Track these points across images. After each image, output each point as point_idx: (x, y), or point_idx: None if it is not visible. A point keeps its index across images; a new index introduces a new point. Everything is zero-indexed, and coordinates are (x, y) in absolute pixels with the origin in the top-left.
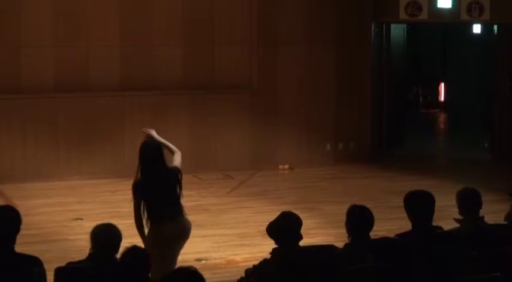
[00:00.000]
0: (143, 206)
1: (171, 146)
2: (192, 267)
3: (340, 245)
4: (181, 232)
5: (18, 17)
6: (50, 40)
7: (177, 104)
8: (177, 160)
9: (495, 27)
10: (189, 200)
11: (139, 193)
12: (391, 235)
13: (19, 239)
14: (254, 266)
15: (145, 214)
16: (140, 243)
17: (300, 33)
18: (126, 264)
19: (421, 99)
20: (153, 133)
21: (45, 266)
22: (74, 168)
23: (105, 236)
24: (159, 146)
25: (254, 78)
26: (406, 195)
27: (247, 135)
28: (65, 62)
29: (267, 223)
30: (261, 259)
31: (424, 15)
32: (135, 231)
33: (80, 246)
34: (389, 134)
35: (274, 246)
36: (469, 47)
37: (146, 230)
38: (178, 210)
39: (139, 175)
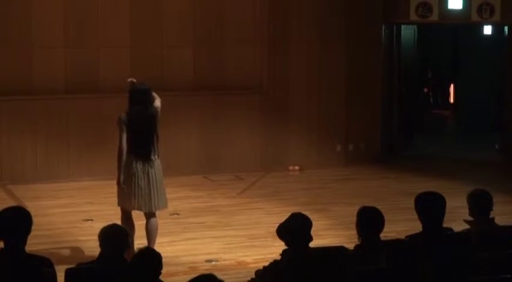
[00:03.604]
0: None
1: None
2: (214, 275)
3: (350, 246)
4: (146, 170)
5: (29, 18)
6: (61, 42)
7: (187, 105)
8: (157, 103)
9: (506, 28)
10: (200, 201)
11: (122, 126)
12: (402, 236)
13: (29, 239)
14: (264, 267)
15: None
16: None
17: (310, 33)
18: (138, 265)
19: (431, 100)
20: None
21: (56, 266)
22: (84, 169)
23: (113, 236)
24: (149, 90)
25: (265, 79)
26: (416, 197)
27: (258, 136)
28: (76, 64)
29: (277, 224)
30: (271, 260)
31: (434, 17)
32: (144, 232)
33: (90, 247)
34: (399, 134)
35: (285, 247)
36: (480, 48)
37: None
38: (149, 150)
39: (125, 113)
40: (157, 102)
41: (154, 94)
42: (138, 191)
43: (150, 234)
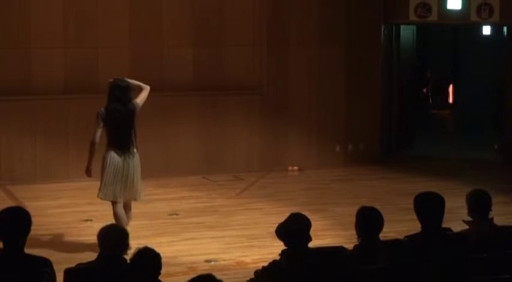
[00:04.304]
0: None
1: (138, 83)
2: (213, 275)
3: (349, 246)
4: (126, 164)
5: (28, 18)
6: (60, 41)
7: (186, 105)
8: (141, 96)
9: (505, 28)
10: (199, 201)
11: (99, 121)
12: (401, 237)
13: (28, 240)
14: (263, 267)
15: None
16: None
17: (310, 34)
18: (137, 265)
19: (430, 100)
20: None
21: (55, 267)
22: (83, 169)
23: (112, 237)
24: (128, 87)
25: (264, 80)
26: (415, 197)
27: (257, 137)
28: (75, 63)
29: (276, 224)
30: (270, 260)
31: (433, 17)
32: (143, 232)
33: (89, 247)
34: (398, 135)
35: (284, 247)
36: (479, 48)
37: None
38: (128, 144)
39: (104, 107)
40: (143, 93)
41: (142, 84)
42: (117, 183)
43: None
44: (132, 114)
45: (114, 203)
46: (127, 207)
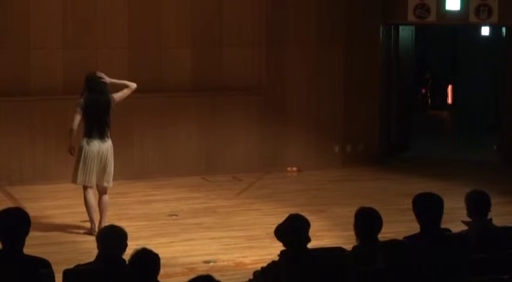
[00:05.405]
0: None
1: (123, 82)
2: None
3: (348, 247)
4: (100, 151)
5: (27, 19)
6: (59, 42)
7: (185, 106)
8: (122, 92)
9: (503, 29)
10: (198, 202)
11: (79, 110)
12: (400, 237)
13: (27, 240)
14: (262, 268)
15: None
16: None
17: (309, 34)
18: (136, 266)
19: (429, 100)
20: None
21: (54, 267)
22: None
23: (112, 238)
24: (102, 80)
25: (263, 80)
26: (414, 198)
27: (256, 137)
28: (74, 64)
29: (276, 225)
30: (269, 261)
31: (432, 17)
32: (143, 233)
33: (88, 248)
34: (397, 135)
35: (283, 248)
36: (478, 49)
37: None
38: (104, 133)
39: (83, 98)
40: (125, 90)
41: (127, 82)
42: (92, 169)
43: (103, 210)
44: (108, 105)
45: (85, 188)
46: (102, 192)
